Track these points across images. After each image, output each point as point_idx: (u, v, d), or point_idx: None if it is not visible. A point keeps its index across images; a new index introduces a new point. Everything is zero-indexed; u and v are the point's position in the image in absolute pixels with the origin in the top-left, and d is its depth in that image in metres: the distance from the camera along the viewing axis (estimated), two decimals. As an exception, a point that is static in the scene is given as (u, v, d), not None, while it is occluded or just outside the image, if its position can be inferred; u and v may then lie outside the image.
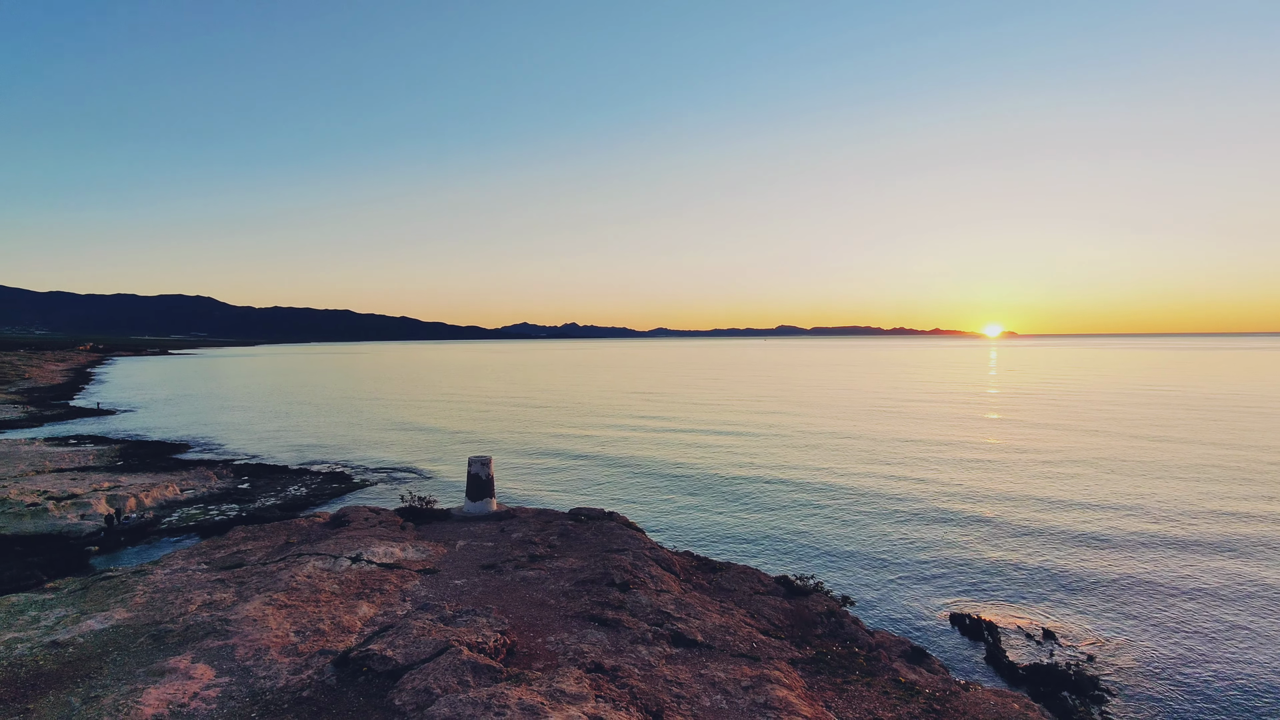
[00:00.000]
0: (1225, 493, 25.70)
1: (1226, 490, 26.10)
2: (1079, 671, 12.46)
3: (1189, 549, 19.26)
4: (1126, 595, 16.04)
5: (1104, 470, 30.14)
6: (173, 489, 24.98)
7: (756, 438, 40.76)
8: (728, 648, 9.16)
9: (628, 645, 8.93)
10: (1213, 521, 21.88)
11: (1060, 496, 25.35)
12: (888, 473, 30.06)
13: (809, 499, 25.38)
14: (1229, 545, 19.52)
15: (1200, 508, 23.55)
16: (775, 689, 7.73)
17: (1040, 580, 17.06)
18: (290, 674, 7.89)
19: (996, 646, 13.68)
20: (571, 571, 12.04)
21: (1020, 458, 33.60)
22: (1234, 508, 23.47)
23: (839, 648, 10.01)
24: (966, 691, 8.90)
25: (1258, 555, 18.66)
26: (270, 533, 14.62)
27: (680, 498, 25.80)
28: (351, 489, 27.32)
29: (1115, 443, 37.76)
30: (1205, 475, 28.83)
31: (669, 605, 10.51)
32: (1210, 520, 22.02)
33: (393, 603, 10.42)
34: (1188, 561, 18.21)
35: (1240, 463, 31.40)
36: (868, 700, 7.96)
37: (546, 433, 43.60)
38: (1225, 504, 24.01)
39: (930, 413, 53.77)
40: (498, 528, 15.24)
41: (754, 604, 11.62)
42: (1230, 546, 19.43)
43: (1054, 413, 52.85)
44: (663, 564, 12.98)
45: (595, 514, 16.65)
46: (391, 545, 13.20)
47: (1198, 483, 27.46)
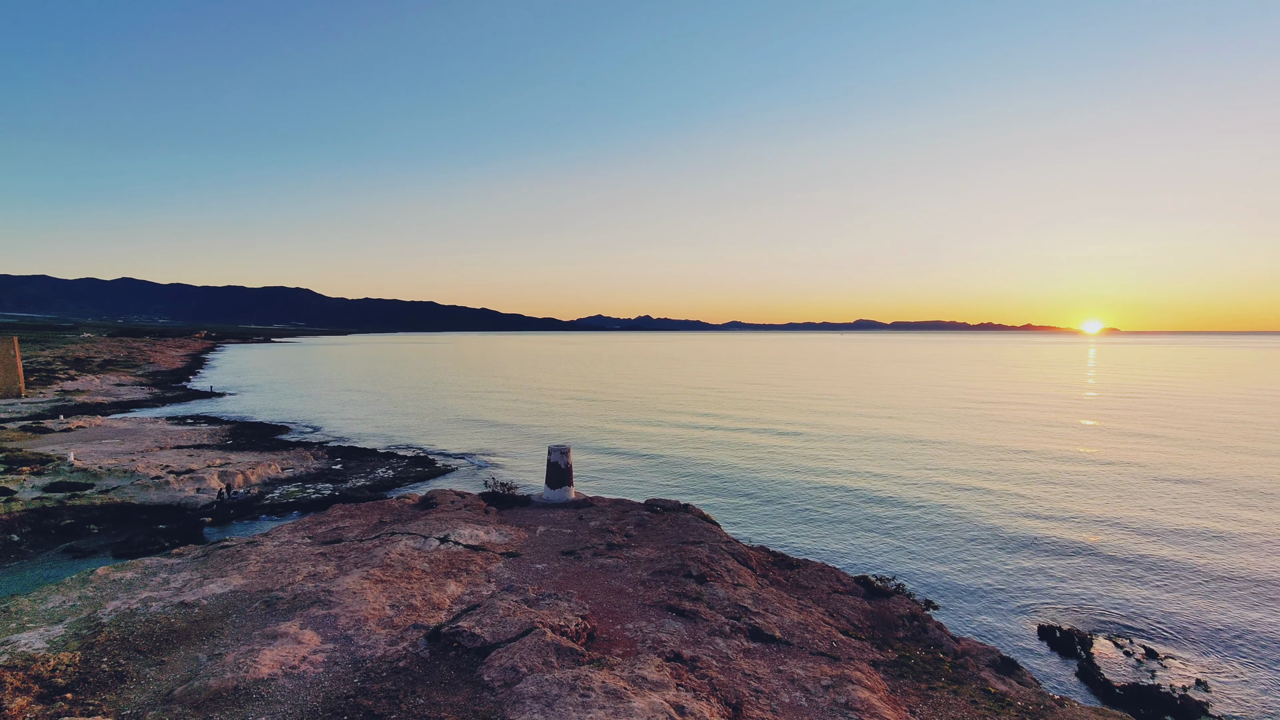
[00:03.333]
0: (1367, 509, 23.22)
1: (1369, 507, 23.57)
2: (1185, 695, 11.60)
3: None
4: (1237, 614, 14.78)
5: (1216, 487, 27.78)
6: (275, 467, 26.86)
7: (834, 435, 39.82)
8: (806, 645, 9.07)
9: (705, 637, 8.99)
10: (1351, 540, 19.84)
11: (1161, 507, 23.57)
12: (973, 475, 28.76)
13: (890, 500, 24.63)
14: (1371, 567, 17.66)
15: (1336, 525, 21.39)
16: (856, 690, 7.61)
17: (1138, 595, 15.95)
18: (387, 645, 8.40)
19: (1090, 663, 12.93)
20: (649, 561, 12.19)
21: (1120, 467, 31.42)
22: (1378, 526, 21.18)
23: (922, 652, 9.71)
24: (1062, 707, 8.46)
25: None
26: (365, 512, 15.52)
27: (756, 493, 25.57)
28: (435, 473, 28.56)
29: (1230, 455, 34.70)
30: (1343, 489, 26.12)
31: (746, 599, 10.49)
32: (1348, 539, 19.98)
33: (479, 583, 10.87)
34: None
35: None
36: (955, 709, 7.71)
37: (622, 424, 44.12)
38: (1367, 522, 21.71)
39: (1022, 415, 50.97)
40: (576, 515, 15.60)
41: (832, 603, 11.43)
42: (1372, 569, 17.57)
43: (1160, 419, 49.05)
44: (739, 558, 12.94)
45: (671, 505, 16.77)
46: (476, 528, 13.75)
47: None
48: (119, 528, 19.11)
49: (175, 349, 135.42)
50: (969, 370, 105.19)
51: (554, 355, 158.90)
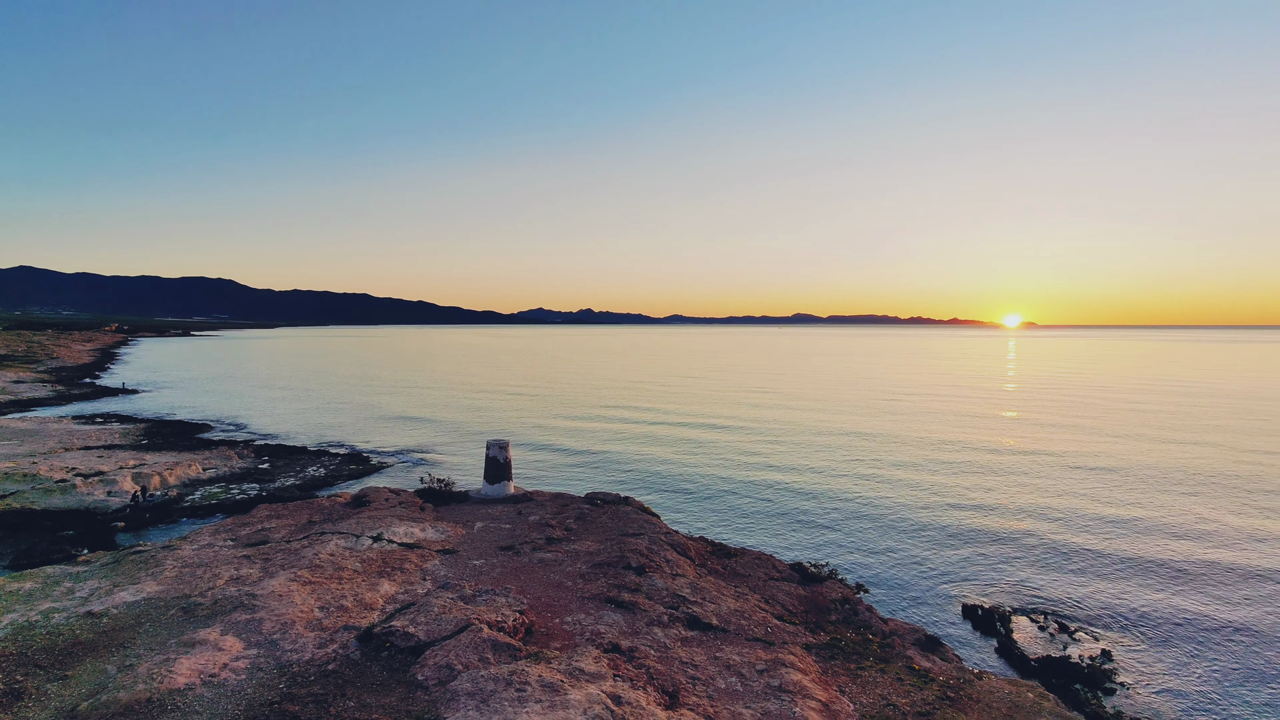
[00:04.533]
0: (1245, 490, 25.40)
1: (1246, 489, 25.79)
2: (1092, 665, 12.44)
3: (1206, 547, 19.10)
4: (1142, 593, 15.94)
5: (1121, 467, 29.86)
6: (195, 468, 25.50)
7: (771, 427, 40.74)
8: (742, 632, 9.26)
9: (644, 627, 9.06)
10: (1231, 521, 21.66)
11: (1076, 493, 25.17)
12: (902, 465, 29.97)
13: (824, 489, 25.39)
14: (1248, 545, 19.33)
15: (1217, 507, 23.31)
16: (790, 673, 7.82)
17: (1053, 575, 16.99)
18: (316, 648, 8.11)
19: (1009, 638, 13.69)
20: (588, 554, 12.19)
21: (1036, 456, 33.35)
22: (1253, 505, 23.20)
23: (853, 634, 10.08)
24: (980, 680, 8.94)
25: (1272, 549, 18.46)
26: (293, 511, 14.92)
27: (696, 486, 25.91)
28: (370, 471, 27.72)
29: (1132, 438, 37.36)
30: (1223, 474, 28.48)
31: (684, 589, 10.63)
32: (1228, 520, 21.80)
33: (413, 581, 10.62)
34: (1206, 560, 18.05)
35: (1262, 460, 30.97)
36: (881, 686, 8.03)
37: (563, 419, 43.88)
38: (1245, 503, 23.74)
39: (947, 405, 53.42)
40: (515, 510, 15.44)
41: (768, 589, 11.72)
42: (1245, 545, 19.24)
43: (1072, 408, 52.30)
44: (678, 549, 13.09)
45: (612, 498, 16.81)
46: (411, 525, 13.43)
47: (1215, 482, 27.15)
48: (18, 536, 17.77)
49: (82, 343, 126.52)
50: (899, 363, 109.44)
51: (494, 349, 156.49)
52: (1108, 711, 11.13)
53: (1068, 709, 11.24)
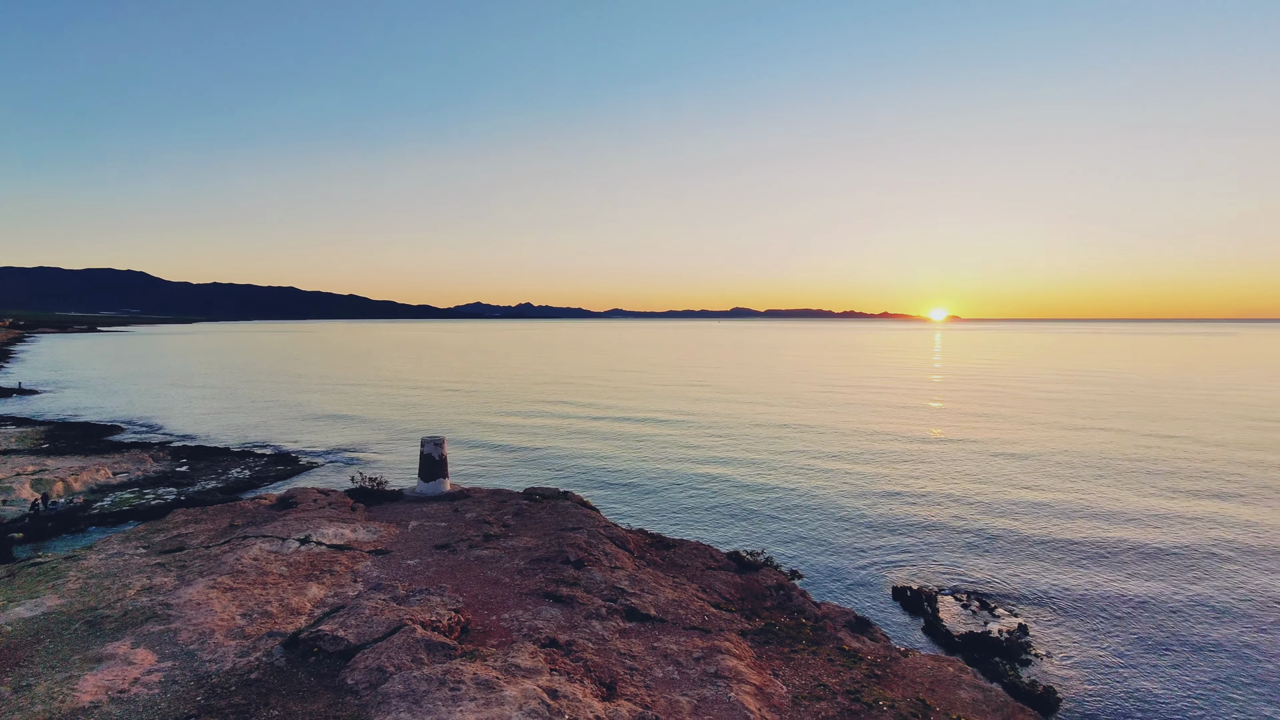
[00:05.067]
0: (1146, 472, 27.39)
1: (1147, 471, 27.82)
2: (1011, 639, 13.22)
3: (1114, 527, 20.52)
4: (1058, 572, 16.99)
5: (1036, 453, 31.71)
6: (104, 472, 23.90)
7: (709, 420, 41.33)
8: (680, 621, 9.38)
9: (582, 621, 9.05)
10: (1135, 502, 23.33)
11: (996, 479, 26.58)
12: (836, 456, 30.94)
13: (761, 480, 25.95)
14: (1151, 524, 20.87)
15: (1122, 489, 25.07)
16: (725, 659, 7.98)
17: (977, 558, 17.91)
18: (237, 656, 7.75)
19: (935, 617, 14.36)
20: (526, 550, 12.09)
21: (960, 444, 35.02)
22: (1152, 486, 25.08)
23: (787, 619, 10.36)
24: (905, 657, 9.35)
25: (1173, 527, 20.02)
26: (213, 515, 14.19)
27: (636, 478, 26.03)
28: (299, 471, 26.64)
29: (1046, 426, 39.73)
30: (1125, 458, 30.64)
31: (623, 581, 10.67)
32: (1132, 501, 23.48)
33: (344, 584, 10.28)
34: (1114, 539, 19.39)
35: (1162, 444, 33.49)
36: (813, 668, 8.29)
37: (501, 414, 43.27)
38: (1146, 485, 25.62)
39: (878, 397, 55.42)
40: (451, 508, 15.14)
41: (706, 579, 11.90)
42: (1149, 524, 20.77)
43: (992, 397, 55.15)
44: (617, 541, 13.13)
45: (550, 493, 16.70)
46: (342, 526, 12.99)
47: (1119, 465, 29.17)
48: (-104, 550, 16.22)
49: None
50: (833, 356, 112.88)
51: (430, 344, 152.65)
52: (1023, 681, 11.84)
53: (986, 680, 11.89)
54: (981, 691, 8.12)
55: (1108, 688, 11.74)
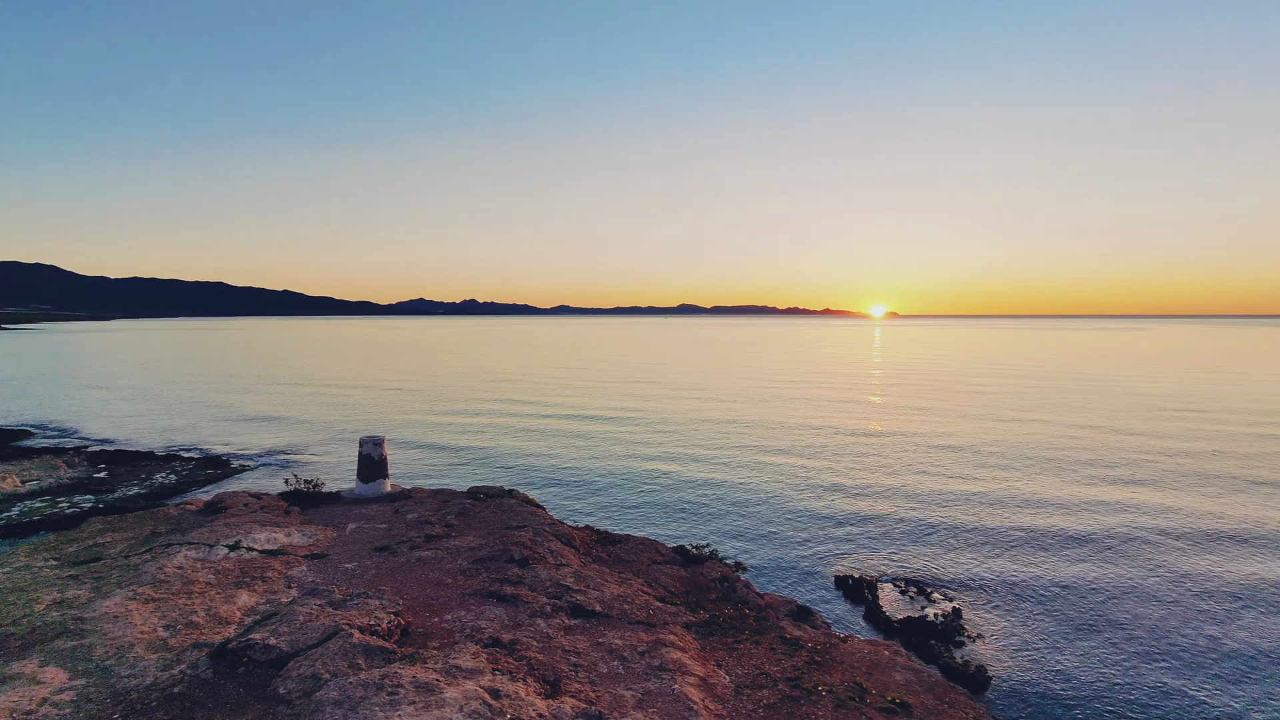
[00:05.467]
0: (1070, 462, 28.97)
1: (1070, 460, 29.42)
2: (945, 622, 13.78)
3: (1042, 515, 21.62)
4: (991, 558, 17.79)
5: (969, 445, 33.11)
6: (11, 480, 22.32)
7: (656, 417, 41.57)
8: (625, 616, 9.40)
9: (526, 619, 8.97)
10: (1060, 491, 24.65)
11: (933, 471, 27.64)
12: (780, 451, 31.58)
13: (707, 475, 26.26)
14: (1076, 511, 22.08)
15: (1048, 478, 26.45)
16: (670, 652, 8.04)
17: (916, 545, 18.58)
18: (159, 670, 7.36)
19: (876, 603, 14.84)
20: (470, 550, 11.89)
21: (899, 437, 36.25)
22: (1075, 475, 26.55)
23: (731, 610, 10.51)
24: (845, 643, 9.63)
25: (1094, 513, 21.25)
26: (133, 523, 13.42)
27: (582, 476, 25.95)
28: (230, 474, 25.48)
29: (978, 418, 41.55)
30: (1051, 448, 32.33)
31: (568, 578, 10.63)
32: (1058, 490, 24.80)
33: (276, 590, 9.89)
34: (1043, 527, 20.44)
35: (1082, 434, 35.48)
36: (755, 657, 8.45)
37: (445, 412, 42.43)
38: (1070, 474, 27.09)
39: (820, 392, 56.81)
40: (392, 509, 14.76)
41: (651, 573, 11.96)
42: (1074, 512, 21.98)
43: (928, 391, 57.28)
44: (563, 539, 13.06)
45: (495, 492, 16.48)
46: (275, 531, 12.49)
47: (1045, 455, 30.76)
48: None
49: None
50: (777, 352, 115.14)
51: (370, 342, 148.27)
52: (957, 661, 12.36)
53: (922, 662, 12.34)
54: (915, 673, 8.44)
55: (1035, 665, 12.37)
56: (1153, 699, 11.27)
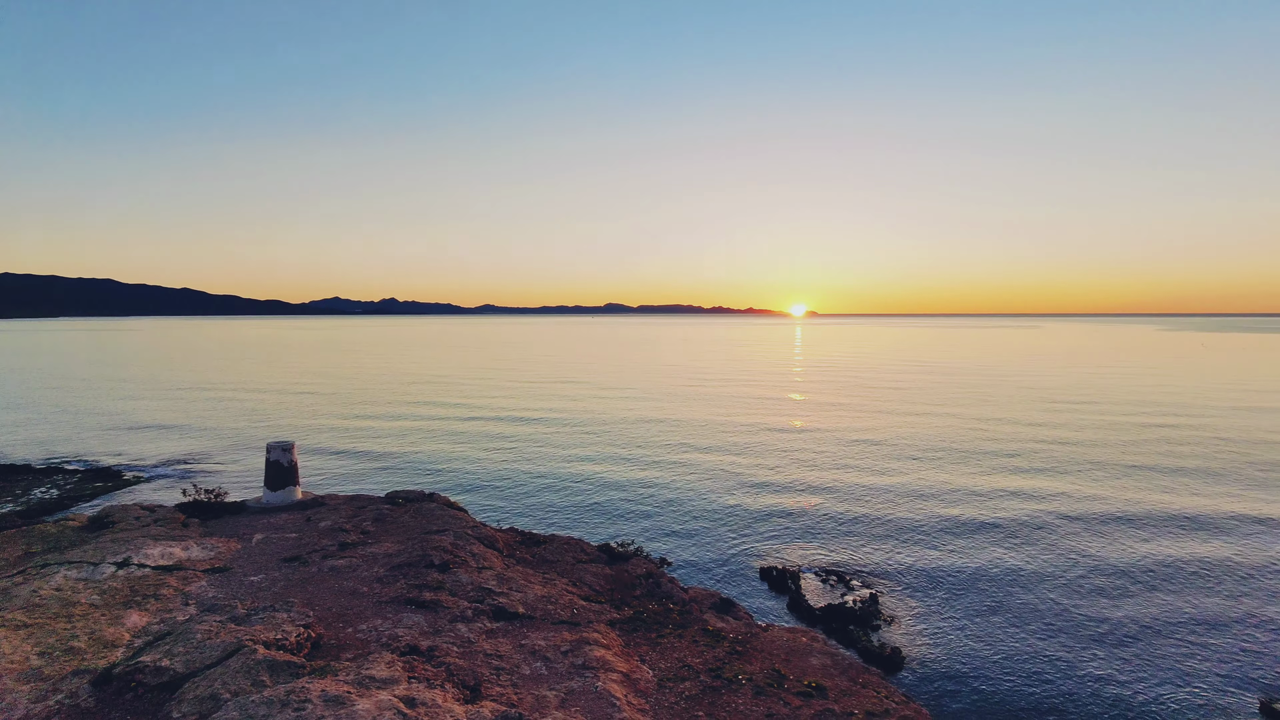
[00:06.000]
0: (977, 454, 30.82)
1: (978, 453, 31.30)
2: (864, 608, 14.40)
3: (953, 505, 22.87)
4: (908, 548, 18.68)
5: (885, 440, 34.70)
6: None
7: (582, 417, 41.43)
8: (549, 616, 9.31)
9: (446, 625, 8.73)
10: (969, 482, 26.17)
11: (852, 465, 28.79)
12: (705, 449, 32.10)
13: (633, 474, 26.38)
14: (983, 501, 23.48)
15: (958, 471, 28.04)
16: (594, 650, 8.02)
17: (837, 536, 19.29)
18: (32, 702, 6.71)
19: (799, 593, 15.31)
20: (387, 556, 11.47)
21: (819, 430, 37.56)
22: (983, 466, 28.27)
23: (655, 606, 10.59)
24: (766, 632, 9.88)
25: (1000, 502, 22.68)
26: (3, 543, 12.20)
27: (507, 478, 25.54)
28: (121, 486, 23.58)
29: (893, 413, 43.61)
30: (960, 441, 34.30)
31: (491, 581, 10.42)
32: (967, 481, 26.32)
33: (172, 608, 9.22)
34: (954, 517, 21.62)
35: (986, 426, 37.82)
36: (679, 650, 8.54)
37: (362, 417, 40.79)
38: (978, 466, 28.81)
39: (744, 390, 58.14)
40: (303, 517, 14.05)
41: (576, 572, 11.90)
42: (981, 502, 23.38)
43: (846, 388, 59.62)
44: (485, 541, 12.80)
45: (415, 496, 15.98)
46: (170, 545, 11.64)
47: (955, 448, 32.60)
48: None
49: None
50: (702, 351, 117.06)
51: (279, 343, 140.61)
52: (874, 644, 12.93)
53: (841, 647, 12.82)
54: (831, 657, 8.75)
55: (946, 645, 13.10)
56: (1053, 673, 12.15)
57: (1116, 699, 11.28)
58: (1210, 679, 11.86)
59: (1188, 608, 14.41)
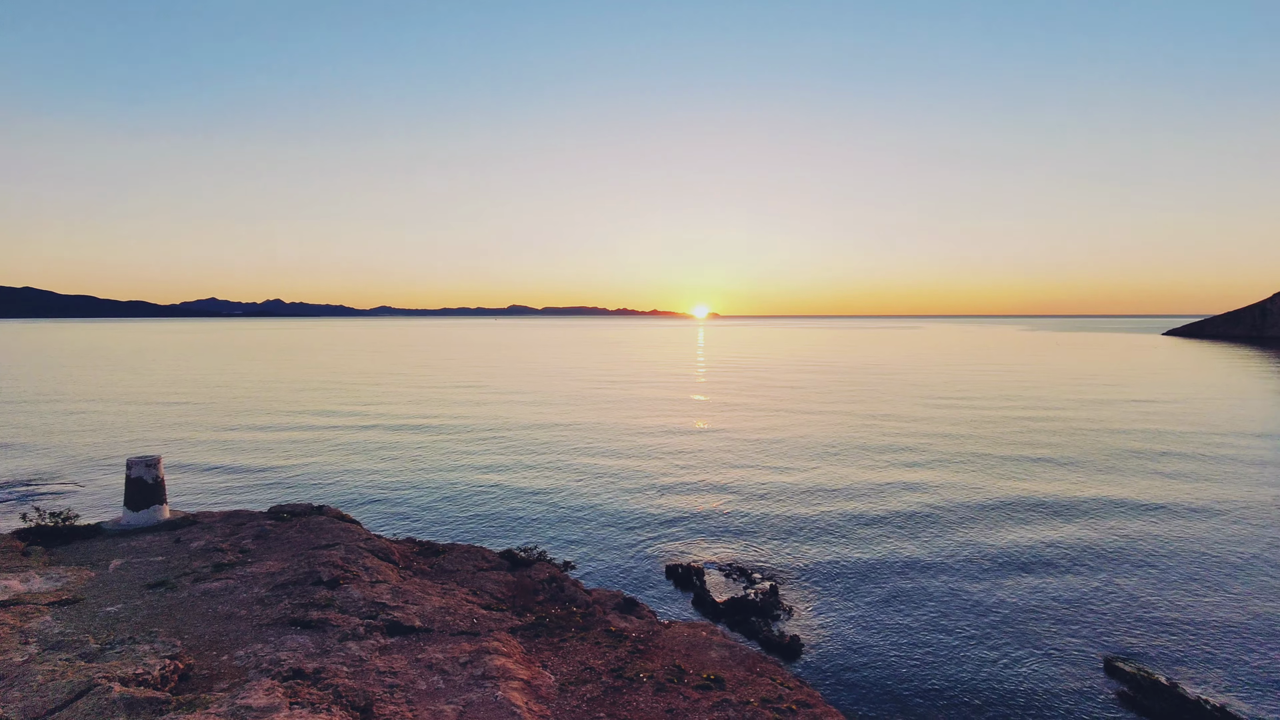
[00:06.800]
0: (868, 449, 32.65)
1: (868, 448, 33.17)
2: (765, 599, 14.91)
3: (848, 500, 24.09)
4: (804, 539, 19.51)
5: (783, 439, 36.13)
6: None
7: (483, 423, 40.52)
8: (448, 628, 9.02)
9: (335, 644, 8.26)
10: (862, 476, 27.66)
11: (752, 464, 29.76)
12: (611, 451, 32.20)
13: (538, 478, 26.06)
14: (876, 496, 24.87)
15: (850, 465, 29.61)
16: (494, 659, 7.84)
17: (741, 532, 19.87)
18: None
19: (703, 589, 15.66)
20: (269, 576, 10.71)
21: (721, 430, 38.59)
22: (874, 460, 29.99)
23: (558, 610, 10.50)
24: (668, 629, 10.03)
25: (892, 495, 24.13)
26: None
27: (405, 488, 24.53)
28: (-57, 514, 20.66)
29: (790, 412, 45.50)
30: (851, 437, 36.26)
31: (385, 595, 9.96)
32: (860, 475, 27.81)
33: (8, 649, 8.16)
34: (849, 511, 22.77)
35: (876, 423, 40.19)
36: (581, 653, 8.51)
37: (241, 426, 37.89)
38: (869, 461, 30.51)
39: (647, 392, 58.84)
40: (172, 538, 12.86)
41: (477, 581, 11.60)
42: (875, 496, 24.77)
43: (746, 388, 61.65)
44: (380, 554, 12.23)
45: (302, 509, 15.03)
46: (6, 578, 10.31)
47: (847, 444, 34.41)
48: None
49: None
50: (607, 353, 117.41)
51: (144, 348, 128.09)
52: (774, 634, 13.40)
53: (739, 638, 13.20)
54: (729, 649, 9.00)
55: (842, 632, 13.80)
56: (936, 651, 13.08)
57: (991, 672, 12.33)
58: (1066, 646, 13.20)
59: (1050, 586, 15.93)
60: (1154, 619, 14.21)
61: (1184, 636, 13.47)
